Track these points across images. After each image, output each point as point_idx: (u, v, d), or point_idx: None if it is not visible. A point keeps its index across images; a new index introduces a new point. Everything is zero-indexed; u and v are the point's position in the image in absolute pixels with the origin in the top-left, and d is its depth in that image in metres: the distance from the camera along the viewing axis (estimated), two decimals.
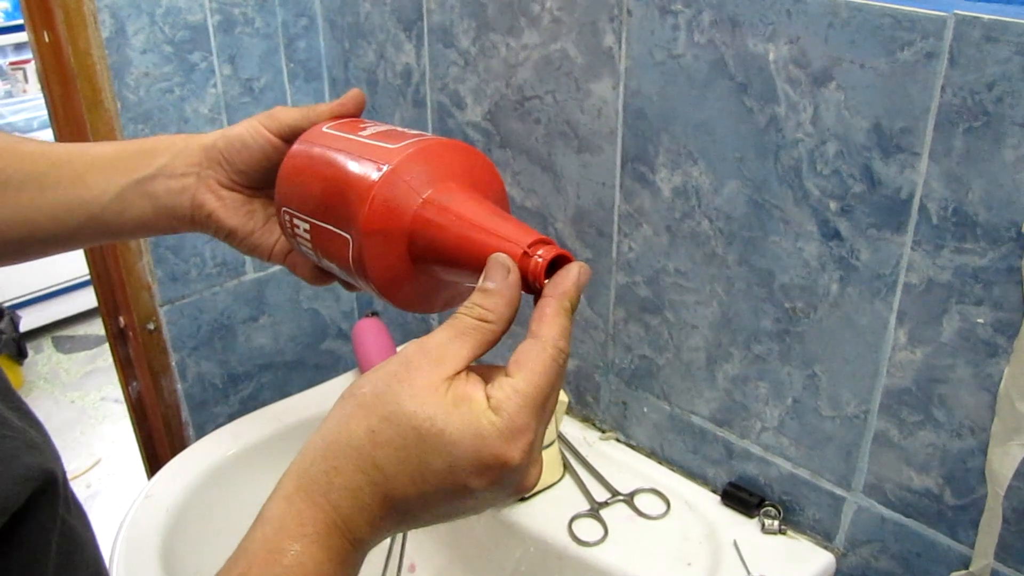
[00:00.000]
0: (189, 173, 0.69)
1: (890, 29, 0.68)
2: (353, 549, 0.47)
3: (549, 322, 0.50)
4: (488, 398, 0.47)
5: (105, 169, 0.69)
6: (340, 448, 0.48)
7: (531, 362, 0.48)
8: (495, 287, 0.51)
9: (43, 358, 3.22)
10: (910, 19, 0.67)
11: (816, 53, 0.72)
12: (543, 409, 0.48)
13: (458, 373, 0.48)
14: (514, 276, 0.51)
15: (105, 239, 0.74)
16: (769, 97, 0.77)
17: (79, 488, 2.58)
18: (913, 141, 0.69)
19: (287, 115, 0.68)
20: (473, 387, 0.48)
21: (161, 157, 0.69)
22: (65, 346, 3.30)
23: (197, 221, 0.71)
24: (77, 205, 0.69)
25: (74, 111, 1.07)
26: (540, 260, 0.51)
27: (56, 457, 0.49)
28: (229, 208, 0.71)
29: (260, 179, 0.70)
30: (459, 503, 0.48)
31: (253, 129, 0.68)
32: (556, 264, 0.52)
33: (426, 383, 0.47)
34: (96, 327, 3.27)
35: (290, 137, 0.67)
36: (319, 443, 0.49)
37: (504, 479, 0.47)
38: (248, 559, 0.46)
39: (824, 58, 0.72)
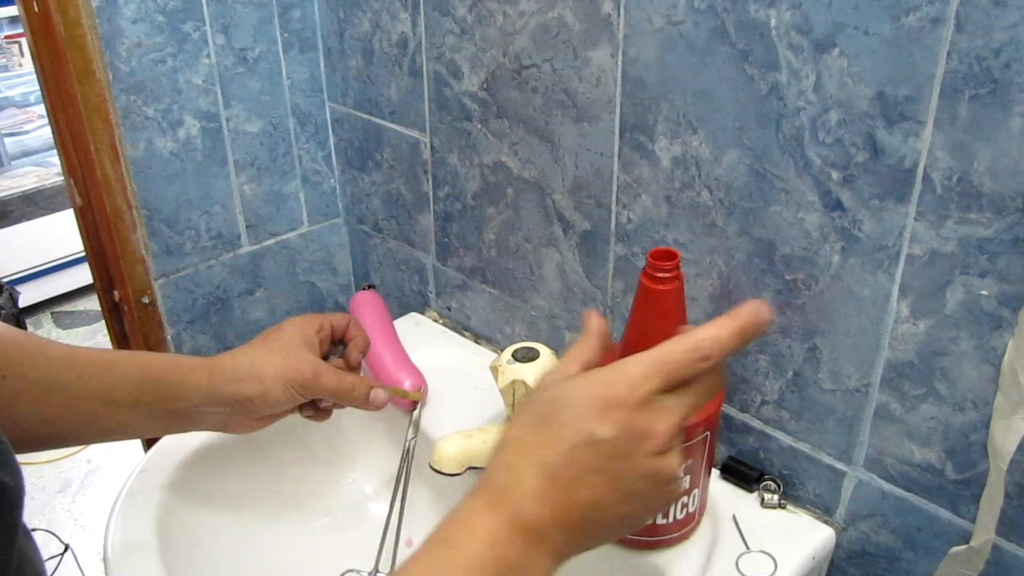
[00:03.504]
0: (221, 412, 0.79)
1: None
2: (524, 527, 0.53)
3: (711, 324, 0.56)
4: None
5: (133, 395, 0.76)
6: (499, 447, 0.58)
7: (668, 342, 0.56)
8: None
9: (43, 333, 3.22)
10: None
11: (819, 19, 0.71)
12: (667, 376, 0.54)
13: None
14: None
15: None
16: (770, 64, 0.75)
17: (79, 464, 2.58)
18: (917, 109, 0.68)
19: (326, 383, 0.81)
20: None
21: (190, 399, 0.77)
22: (64, 321, 3.30)
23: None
24: (107, 419, 0.76)
25: (65, 82, 1.05)
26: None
27: (12, 471, 0.52)
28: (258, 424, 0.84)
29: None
30: (605, 466, 0.54)
31: (288, 393, 0.79)
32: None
33: (551, 379, 0.59)
34: (95, 302, 3.26)
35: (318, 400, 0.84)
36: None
37: (628, 426, 0.53)
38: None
39: (827, 24, 0.70)
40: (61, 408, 0.73)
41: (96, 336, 3.17)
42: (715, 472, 0.94)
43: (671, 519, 0.82)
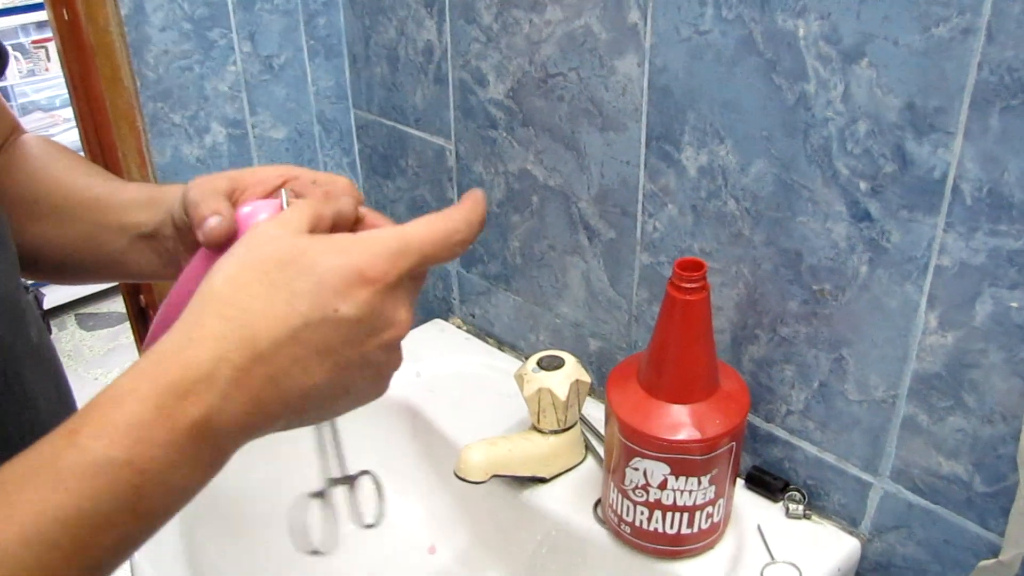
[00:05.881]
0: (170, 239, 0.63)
1: (925, 4, 0.66)
2: (202, 421, 0.41)
3: (456, 209, 0.49)
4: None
5: (118, 214, 0.66)
6: (198, 303, 0.44)
7: (423, 221, 0.48)
8: None
9: (66, 335, 3.25)
10: None
11: (847, 29, 0.71)
12: (422, 258, 0.47)
13: (311, 230, 0.48)
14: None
15: (131, 278, 0.71)
16: (798, 74, 0.75)
17: None
18: (947, 120, 0.68)
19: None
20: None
21: (159, 214, 0.63)
22: (88, 323, 3.32)
23: None
24: (102, 245, 0.67)
25: (93, 89, 1.06)
26: None
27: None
28: None
29: None
30: (335, 351, 0.44)
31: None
32: None
33: (281, 231, 0.46)
34: (118, 304, 3.29)
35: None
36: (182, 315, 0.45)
37: (375, 308, 0.45)
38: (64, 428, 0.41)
39: (856, 34, 0.70)
40: (80, 236, 0.67)
41: (119, 338, 3.20)
42: (740, 482, 0.93)
43: (696, 529, 0.82)
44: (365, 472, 0.60)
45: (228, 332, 0.42)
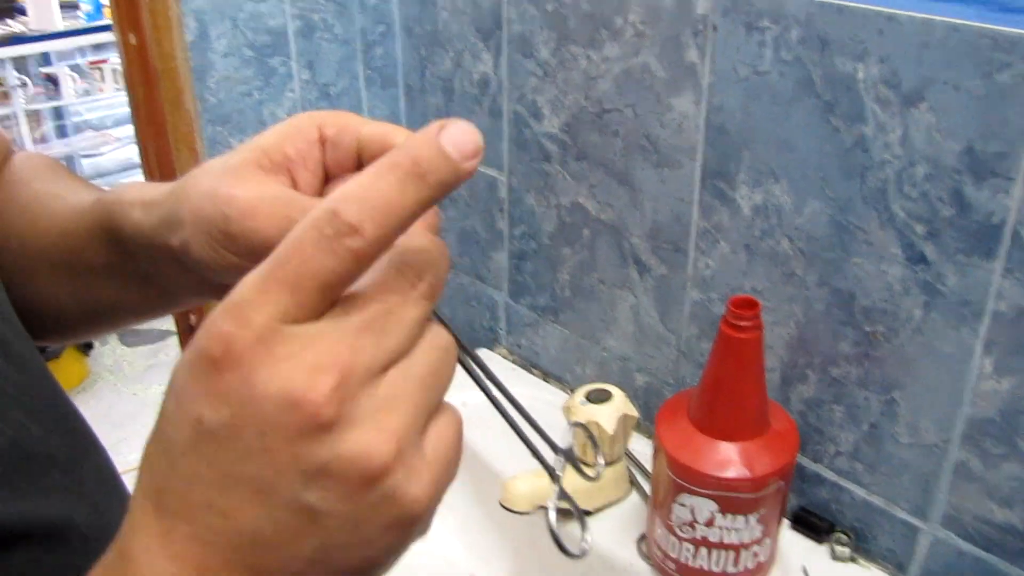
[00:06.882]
0: (176, 272, 0.45)
1: (988, 50, 0.66)
2: None
3: (365, 172, 0.30)
4: None
5: (104, 256, 0.49)
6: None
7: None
8: None
9: (108, 350, 3.28)
10: (1010, 40, 0.65)
11: (907, 73, 0.71)
12: (290, 285, 0.29)
13: None
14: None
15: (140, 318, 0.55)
16: (857, 117, 0.75)
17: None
18: (1008, 166, 0.68)
19: (261, 228, 0.39)
20: None
21: (138, 253, 0.46)
22: (129, 339, 3.36)
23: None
24: (93, 290, 0.51)
25: (156, 112, 1.09)
26: None
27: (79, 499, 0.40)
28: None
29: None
30: (235, 474, 0.29)
31: (210, 247, 0.40)
32: None
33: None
34: (159, 321, 3.33)
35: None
36: None
37: (245, 395, 0.28)
38: None
39: (916, 78, 0.71)
40: (51, 283, 0.51)
41: (159, 355, 3.23)
42: (786, 522, 0.93)
43: (741, 568, 0.82)
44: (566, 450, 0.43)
45: (140, 503, 0.31)
